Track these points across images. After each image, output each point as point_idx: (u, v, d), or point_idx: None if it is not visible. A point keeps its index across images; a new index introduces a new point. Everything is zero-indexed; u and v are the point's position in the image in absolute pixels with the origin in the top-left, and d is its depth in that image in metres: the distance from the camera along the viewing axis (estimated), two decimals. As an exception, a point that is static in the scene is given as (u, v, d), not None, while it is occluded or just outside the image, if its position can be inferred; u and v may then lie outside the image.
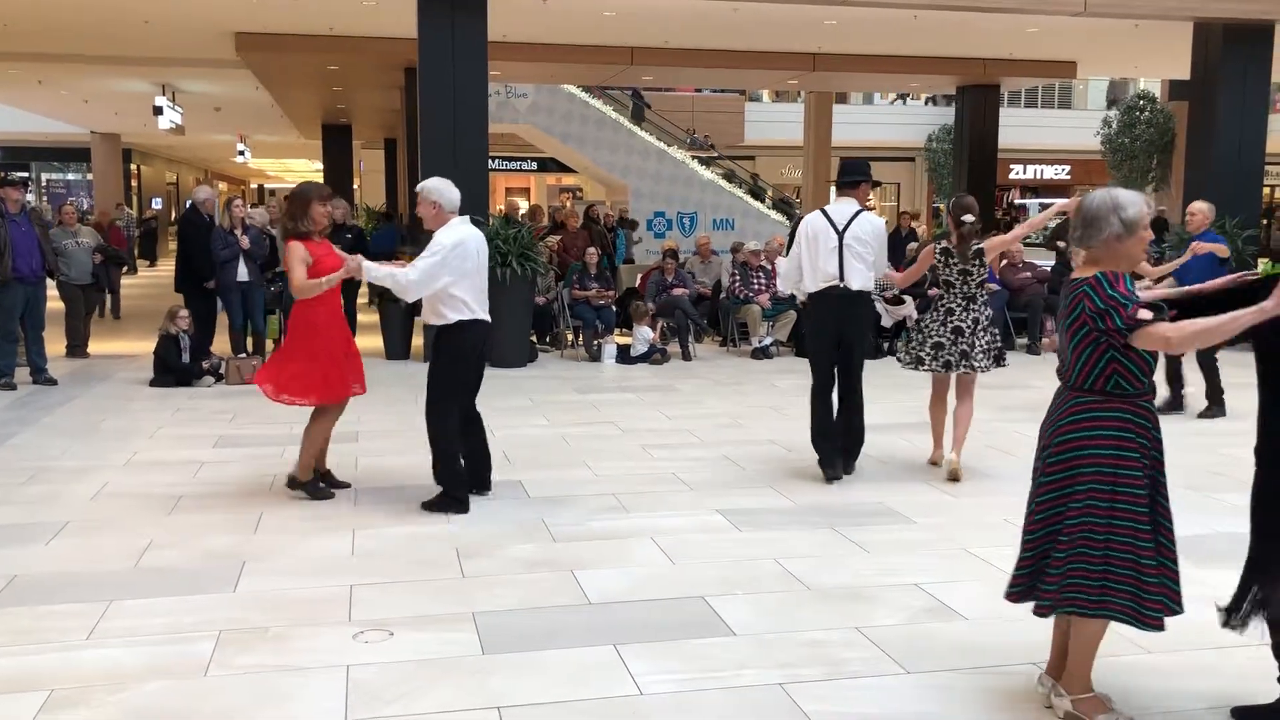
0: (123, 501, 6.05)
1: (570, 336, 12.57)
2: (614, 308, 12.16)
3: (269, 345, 11.12)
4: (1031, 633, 3.97)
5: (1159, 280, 7.81)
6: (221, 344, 11.07)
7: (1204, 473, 6.74)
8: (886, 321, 12.12)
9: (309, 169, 46.21)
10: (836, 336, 6.58)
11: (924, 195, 36.09)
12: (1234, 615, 3.35)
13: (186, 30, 14.67)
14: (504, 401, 9.02)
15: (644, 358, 11.50)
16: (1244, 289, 3.42)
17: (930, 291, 7.26)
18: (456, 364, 5.91)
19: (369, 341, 12.34)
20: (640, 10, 13.47)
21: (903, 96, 35.65)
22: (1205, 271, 7.61)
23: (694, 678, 3.78)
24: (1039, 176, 37.50)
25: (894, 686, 3.72)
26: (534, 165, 35.04)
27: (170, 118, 20.07)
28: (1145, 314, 3.21)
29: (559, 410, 8.84)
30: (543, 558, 5.09)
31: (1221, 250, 8.35)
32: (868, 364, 6.97)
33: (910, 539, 5.41)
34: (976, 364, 6.66)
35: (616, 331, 12.28)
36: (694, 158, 27.15)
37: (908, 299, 12.13)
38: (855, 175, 6.61)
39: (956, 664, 3.88)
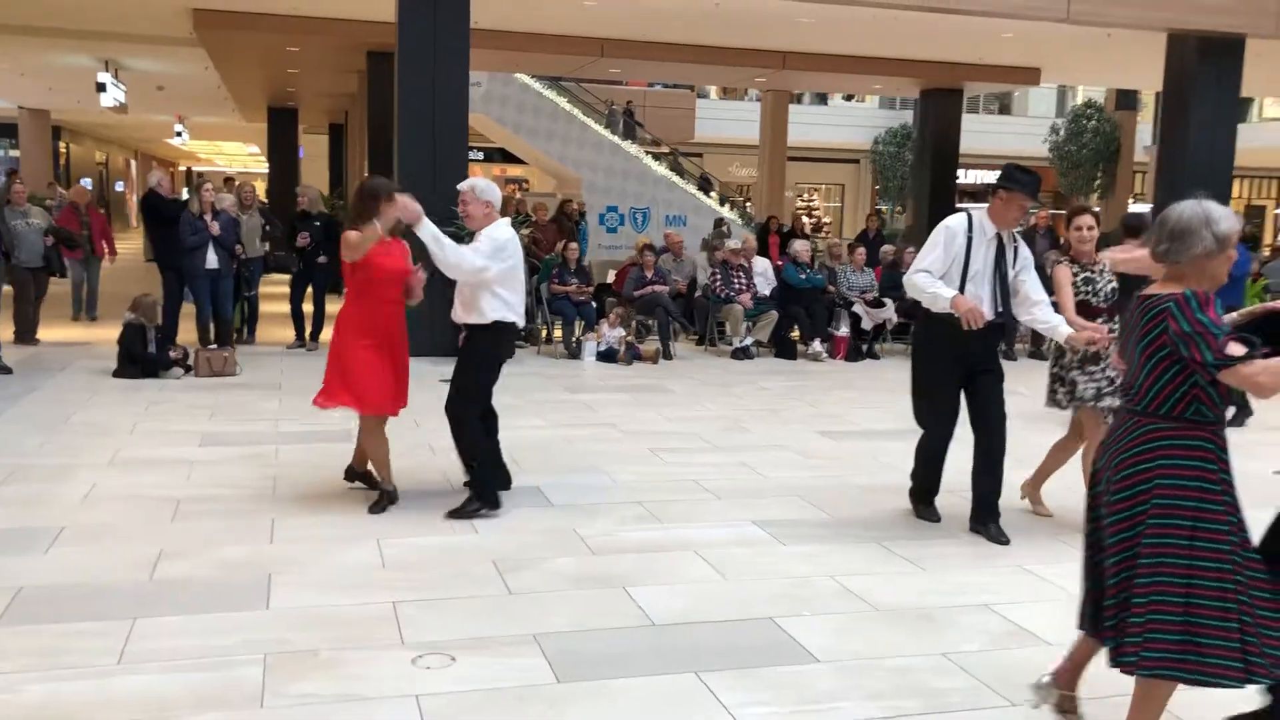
0: (118, 505, 5.65)
1: (545, 332, 12.28)
2: (593, 304, 11.88)
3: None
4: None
5: None
6: (186, 333, 10.59)
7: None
8: (867, 324, 12.02)
9: (243, 152, 45.14)
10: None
11: (868, 196, 36.31)
12: None
13: (140, 4, 14.05)
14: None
15: (609, 356, 11.21)
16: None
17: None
18: (490, 366, 5.73)
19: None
20: (622, 1, 13.20)
21: (850, 97, 35.83)
22: (1229, 289, 7.56)
23: (793, 711, 3.56)
24: (979, 181, 37.97)
25: (1008, 718, 3.53)
26: (479, 155, 34.52)
27: (114, 95, 19.29)
28: (1236, 348, 2.96)
29: (553, 410, 8.56)
30: (587, 572, 4.82)
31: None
32: (862, 368, 6.68)
33: (961, 554, 5.25)
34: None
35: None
36: (647, 152, 26.94)
37: (888, 301, 12.08)
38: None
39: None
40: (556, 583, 4.68)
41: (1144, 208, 28.90)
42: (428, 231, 5.41)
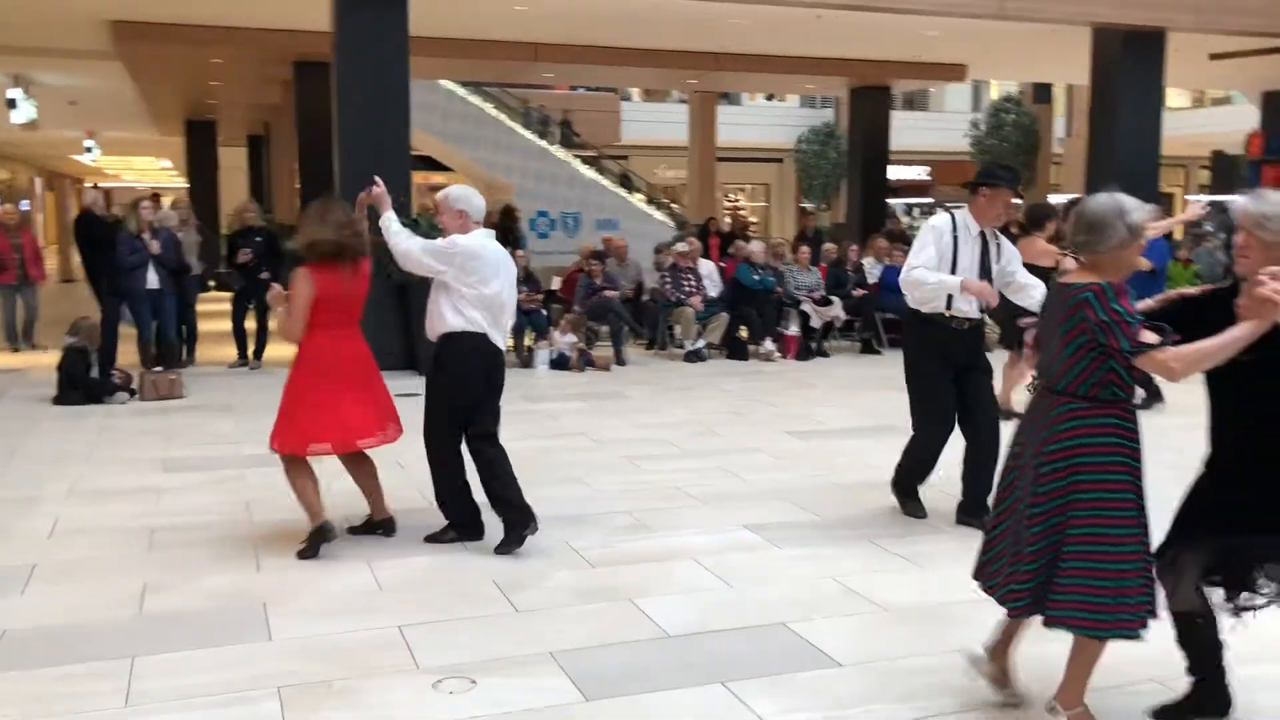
0: (89, 538, 5.44)
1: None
2: (543, 311, 11.79)
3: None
4: (1142, 648, 3.86)
5: None
6: (125, 355, 10.26)
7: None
8: (816, 323, 12.10)
9: (154, 167, 43.98)
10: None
11: (792, 196, 36.61)
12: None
13: (55, 18, 13.59)
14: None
15: (562, 364, 11.13)
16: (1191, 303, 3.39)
17: None
18: (456, 381, 5.25)
19: (285, 351, 11.68)
20: (555, 4, 13.12)
21: (770, 97, 36.12)
22: (1150, 282, 7.78)
23: (826, 716, 3.54)
24: (898, 178, 38.53)
25: (1038, 714, 3.55)
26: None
27: (25, 111, 18.64)
28: (1150, 336, 3.15)
29: (519, 420, 8.42)
30: (591, 586, 4.76)
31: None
32: (813, 366, 6.63)
33: (953, 549, 5.26)
34: None
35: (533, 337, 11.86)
36: (576, 156, 26.86)
37: (835, 300, 12.18)
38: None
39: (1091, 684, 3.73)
40: (563, 599, 4.61)
41: (1064, 198, 29.62)
42: (386, 219, 5.32)
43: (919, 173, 37.71)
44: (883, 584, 4.79)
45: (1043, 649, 3.65)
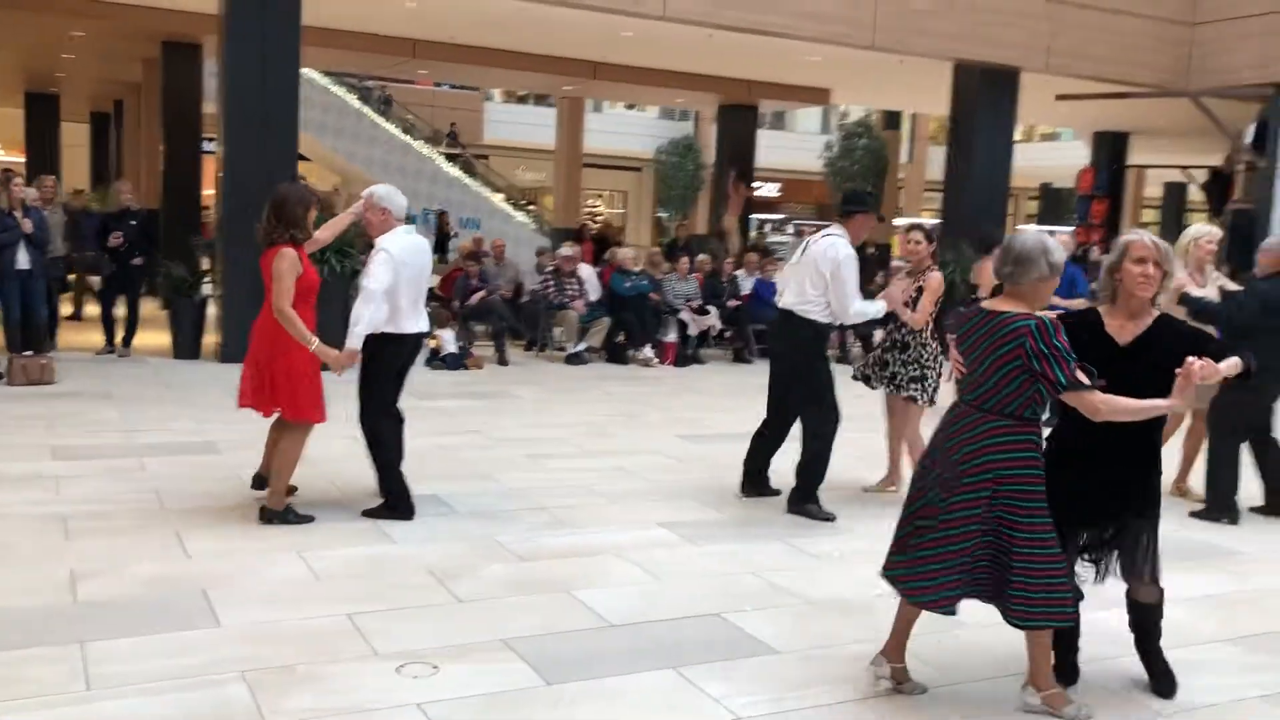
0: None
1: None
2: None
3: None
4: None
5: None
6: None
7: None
8: (692, 330, 12.46)
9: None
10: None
11: (649, 204, 37.16)
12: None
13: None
14: (340, 408, 8.57)
15: (453, 363, 11.19)
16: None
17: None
18: (391, 376, 5.78)
19: (152, 339, 11.38)
20: (443, 4, 13.14)
21: (631, 106, 36.60)
22: (1061, 293, 8.52)
23: (777, 698, 3.81)
24: (759, 196, 39.58)
25: (970, 693, 3.90)
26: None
27: None
28: (1082, 376, 3.55)
29: (416, 418, 8.38)
30: (526, 578, 4.92)
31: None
32: (691, 373, 6.99)
33: (857, 549, 5.63)
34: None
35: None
36: (440, 153, 26.69)
37: (712, 309, 12.57)
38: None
39: (995, 672, 4.12)
40: (501, 590, 4.76)
41: (907, 221, 30.99)
42: (357, 338, 5.47)
43: (769, 190, 38.85)
44: (802, 579, 5.10)
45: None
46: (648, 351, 12.08)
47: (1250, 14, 14.48)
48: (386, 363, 5.69)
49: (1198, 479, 6.85)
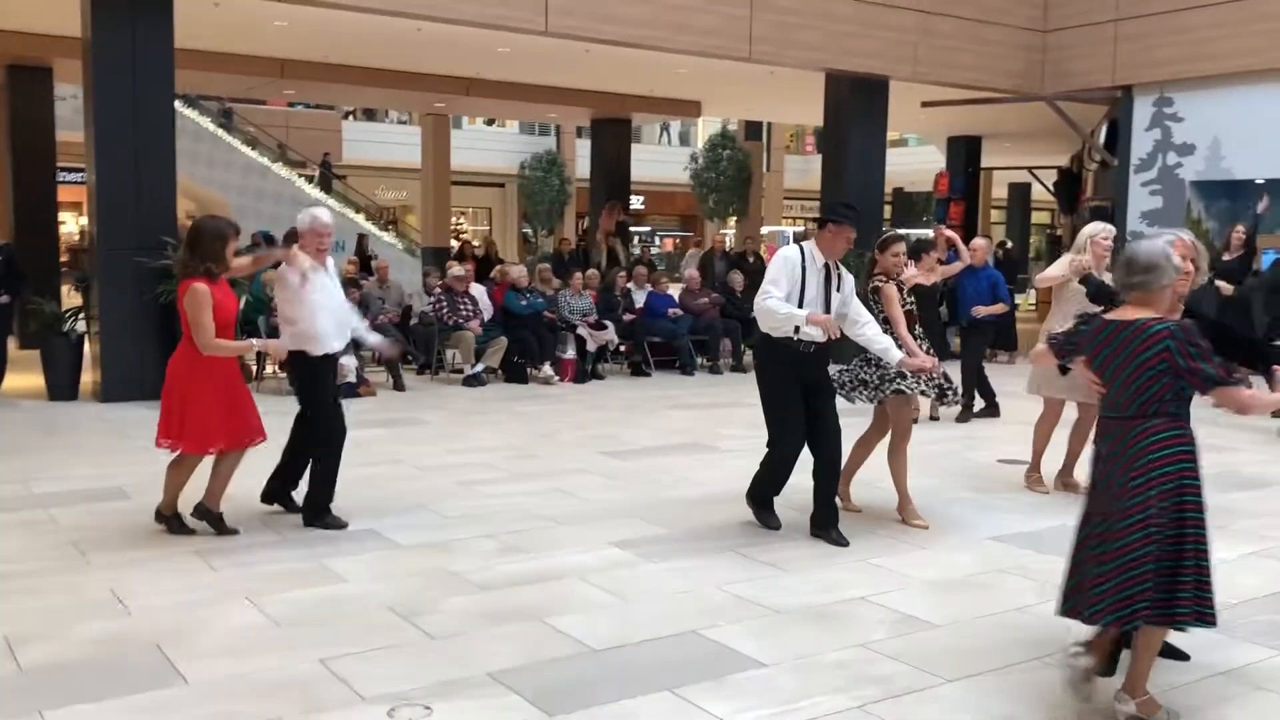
0: (-93, 590, 4.90)
1: (256, 368, 11.65)
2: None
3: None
4: (1014, 628, 4.41)
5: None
6: None
7: (977, 476, 7.69)
8: (591, 346, 12.42)
9: None
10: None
11: (515, 220, 36.99)
12: None
13: None
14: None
15: (350, 391, 10.88)
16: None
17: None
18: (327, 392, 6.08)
19: (19, 381, 10.76)
20: (315, 23, 12.78)
21: (491, 122, 36.38)
22: (984, 296, 9.72)
23: (780, 712, 3.81)
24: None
25: (955, 693, 3.97)
26: (80, 177, 31.65)
27: None
28: (1225, 373, 3.66)
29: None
30: (493, 609, 4.81)
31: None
32: (593, 389, 6.93)
33: (810, 555, 5.69)
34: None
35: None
36: (300, 175, 25.98)
37: (609, 324, 12.57)
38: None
39: (983, 666, 4.21)
40: (470, 622, 4.63)
41: (770, 229, 31.64)
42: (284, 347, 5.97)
43: (633, 201, 39.08)
44: (766, 590, 5.12)
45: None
46: (548, 369, 11.98)
47: (1096, 21, 15.28)
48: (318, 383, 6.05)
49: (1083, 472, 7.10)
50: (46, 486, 6.90)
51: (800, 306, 5.78)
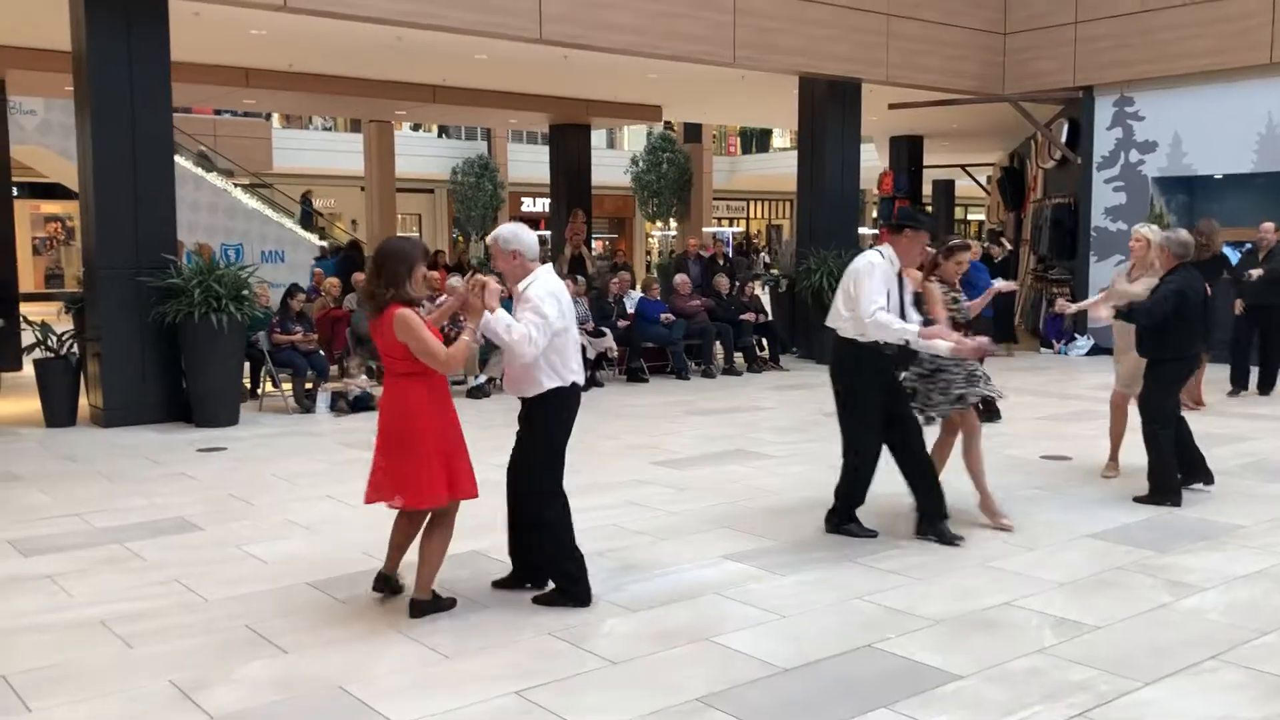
0: (35, 637, 4.63)
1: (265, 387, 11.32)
2: (320, 352, 11.17)
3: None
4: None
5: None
6: None
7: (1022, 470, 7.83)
8: (590, 354, 12.33)
9: None
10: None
11: (445, 226, 36.55)
12: None
13: None
14: (284, 465, 8.11)
15: (360, 405, 10.65)
16: None
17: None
18: (559, 433, 5.34)
19: (18, 406, 10.29)
20: (292, 32, 12.46)
21: (417, 127, 35.91)
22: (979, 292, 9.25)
23: (1008, 722, 3.83)
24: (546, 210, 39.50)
25: (1161, 696, 4.03)
26: (15, 191, 30.32)
27: None
28: None
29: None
30: (656, 630, 4.74)
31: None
32: (594, 396, 6.80)
33: (932, 561, 5.72)
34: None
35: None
36: (236, 185, 25.29)
37: (607, 332, 12.51)
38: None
39: (1169, 668, 4.28)
40: (643, 646, 4.55)
41: (713, 230, 31.82)
42: (496, 320, 4.84)
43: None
44: (910, 599, 5.13)
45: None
46: (552, 378, 11.84)
47: (1056, 24, 15.70)
48: (553, 421, 5.32)
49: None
50: (106, 520, 6.59)
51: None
